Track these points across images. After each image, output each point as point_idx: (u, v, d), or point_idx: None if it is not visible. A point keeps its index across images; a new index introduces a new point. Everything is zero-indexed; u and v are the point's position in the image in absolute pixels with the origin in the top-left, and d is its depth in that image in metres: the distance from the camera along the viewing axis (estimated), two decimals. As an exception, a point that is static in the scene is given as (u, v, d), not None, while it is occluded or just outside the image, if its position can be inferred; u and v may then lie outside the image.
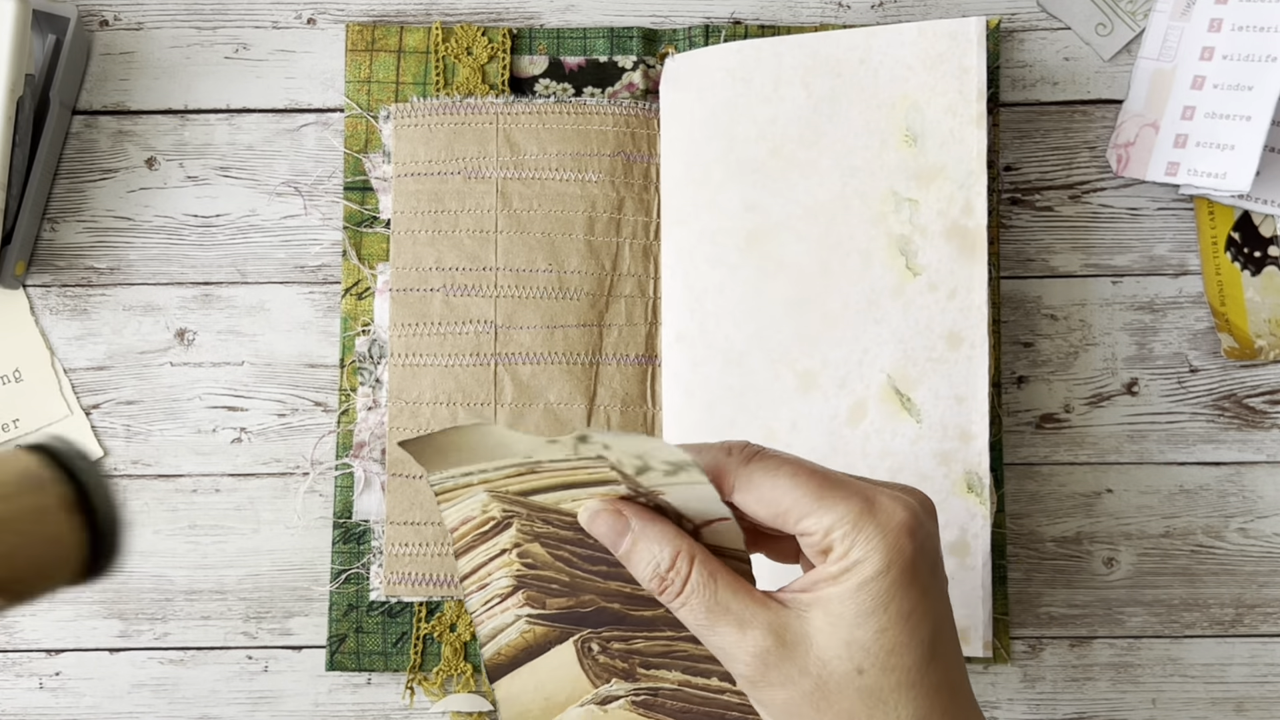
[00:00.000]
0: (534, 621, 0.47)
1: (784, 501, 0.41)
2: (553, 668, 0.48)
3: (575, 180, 0.59)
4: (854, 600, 0.39)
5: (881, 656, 0.39)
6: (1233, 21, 0.58)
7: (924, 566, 0.40)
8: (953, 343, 0.56)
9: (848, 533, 0.39)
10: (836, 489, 0.40)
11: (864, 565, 0.39)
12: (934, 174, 0.56)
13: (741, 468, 0.42)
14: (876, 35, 0.57)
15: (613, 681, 0.47)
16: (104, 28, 0.61)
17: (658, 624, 0.46)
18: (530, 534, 0.45)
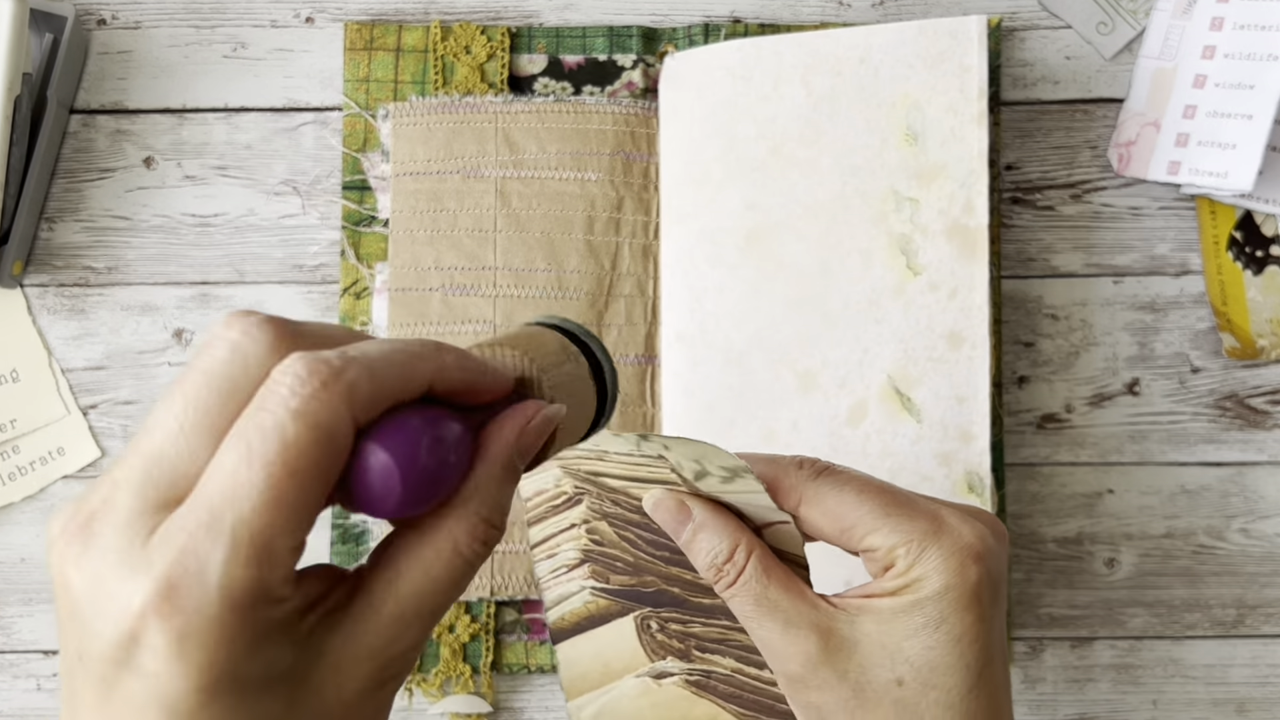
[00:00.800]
0: (598, 594, 0.49)
1: (850, 517, 0.41)
2: (612, 639, 0.49)
3: (574, 179, 0.59)
4: (907, 615, 0.39)
5: (924, 673, 0.39)
6: (1234, 20, 0.58)
7: (985, 593, 0.40)
8: (953, 342, 0.56)
9: (911, 550, 0.39)
10: (904, 507, 0.40)
11: (924, 584, 0.39)
12: (935, 173, 0.56)
13: (809, 482, 0.42)
14: (877, 34, 0.57)
15: (669, 659, 0.49)
16: (101, 27, 0.60)
17: (715, 612, 0.47)
18: (599, 513, 0.47)
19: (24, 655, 0.59)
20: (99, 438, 0.59)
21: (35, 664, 0.59)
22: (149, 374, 0.59)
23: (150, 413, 0.28)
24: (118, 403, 0.59)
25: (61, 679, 0.28)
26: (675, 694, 0.50)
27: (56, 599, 0.28)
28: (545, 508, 0.48)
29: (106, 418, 0.59)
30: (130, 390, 0.59)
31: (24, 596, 0.59)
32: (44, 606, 0.59)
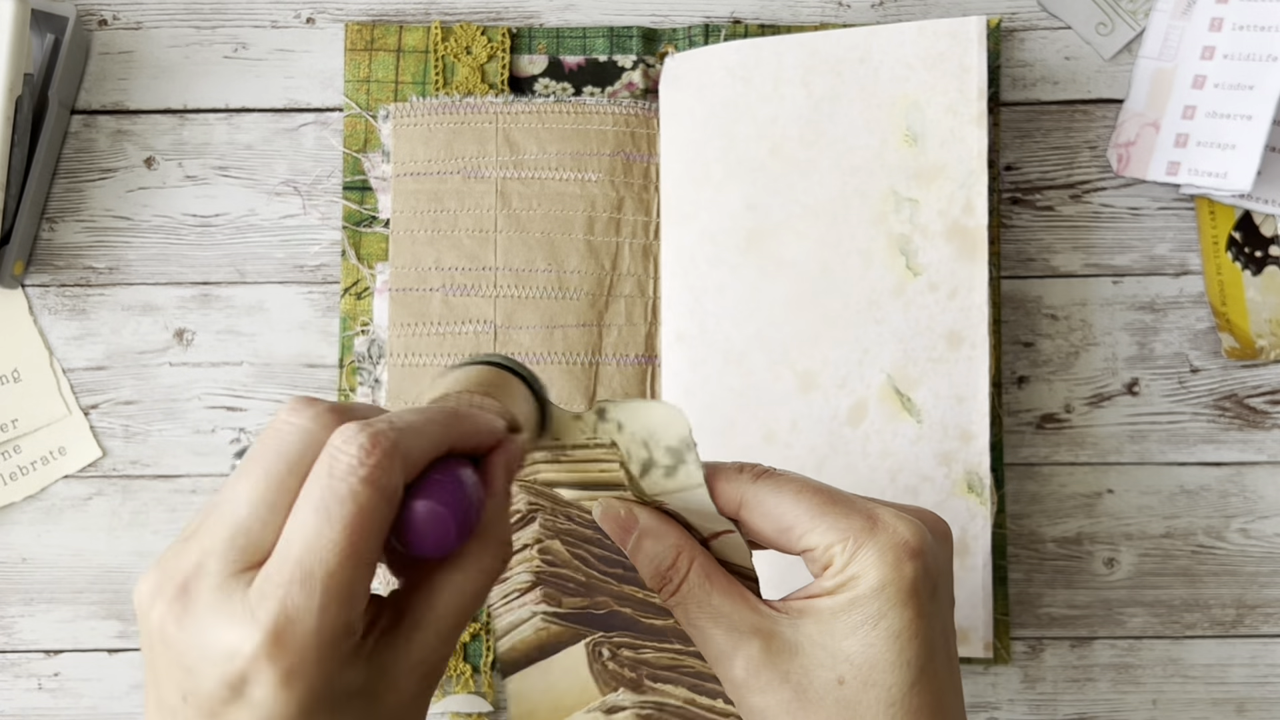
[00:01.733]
0: (549, 620, 0.47)
1: (787, 518, 0.41)
2: (563, 670, 0.48)
3: (575, 180, 0.59)
4: (845, 613, 0.40)
5: (864, 670, 0.39)
6: (1233, 21, 0.58)
7: (923, 589, 0.40)
8: (953, 342, 0.56)
9: (847, 547, 0.40)
10: (840, 506, 0.41)
11: (859, 581, 0.39)
12: (934, 173, 0.56)
13: (749, 485, 0.42)
14: (877, 34, 0.57)
15: (620, 691, 0.47)
16: (103, 27, 0.61)
17: (667, 634, 0.47)
18: (552, 530, 0.46)
19: (25, 655, 0.59)
20: (100, 437, 0.59)
21: (36, 664, 0.59)
22: (150, 374, 0.59)
23: (227, 486, 0.33)
24: (119, 403, 0.59)
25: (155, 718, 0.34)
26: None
27: (153, 653, 0.33)
28: None
29: (107, 418, 0.59)
30: (131, 390, 0.59)
31: (25, 596, 0.59)
32: (44, 606, 0.59)
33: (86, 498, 0.59)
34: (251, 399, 0.60)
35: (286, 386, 0.60)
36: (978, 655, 0.56)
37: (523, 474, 0.45)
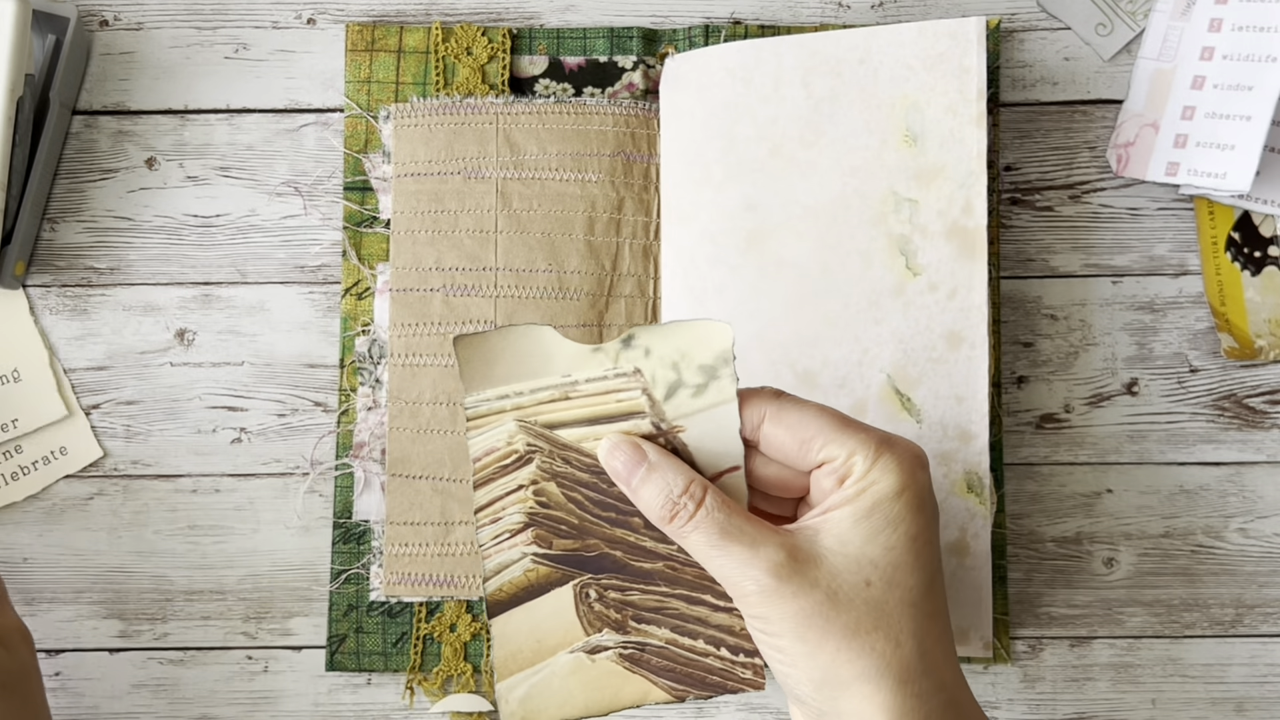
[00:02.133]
0: (539, 561, 0.49)
1: (810, 429, 0.44)
2: (549, 612, 0.49)
3: (575, 180, 0.59)
4: (867, 519, 0.43)
5: (889, 572, 0.43)
6: (1233, 21, 0.58)
7: (930, 500, 0.44)
8: (953, 343, 0.56)
9: (868, 455, 0.43)
10: (857, 424, 0.45)
11: (880, 486, 0.43)
12: (934, 174, 0.56)
13: (773, 401, 0.45)
14: (876, 35, 0.57)
15: (604, 632, 0.49)
16: (104, 28, 0.61)
17: (654, 578, 0.49)
18: (549, 472, 0.48)
19: (26, 654, 0.59)
20: (101, 438, 0.59)
21: (37, 663, 0.59)
22: (151, 374, 0.60)
23: None
24: (120, 403, 0.59)
25: None
26: (608, 670, 0.50)
27: None
28: (494, 468, 0.48)
29: (109, 418, 0.59)
30: (132, 390, 0.59)
31: (26, 596, 0.59)
32: (46, 606, 0.59)
33: (87, 498, 0.59)
34: (253, 399, 0.60)
35: (287, 387, 0.60)
36: (977, 654, 0.56)
37: (524, 415, 0.47)
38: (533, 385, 0.47)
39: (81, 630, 0.59)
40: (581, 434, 0.47)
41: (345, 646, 0.58)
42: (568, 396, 0.47)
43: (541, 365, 0.47)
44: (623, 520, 0.48)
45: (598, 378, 0.47)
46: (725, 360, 0.46)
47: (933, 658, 0.43)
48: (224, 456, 0.59)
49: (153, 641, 0.59)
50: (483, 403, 0.47)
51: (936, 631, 0.43)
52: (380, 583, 0.58)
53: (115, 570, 0.59)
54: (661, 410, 0.47)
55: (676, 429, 0.47)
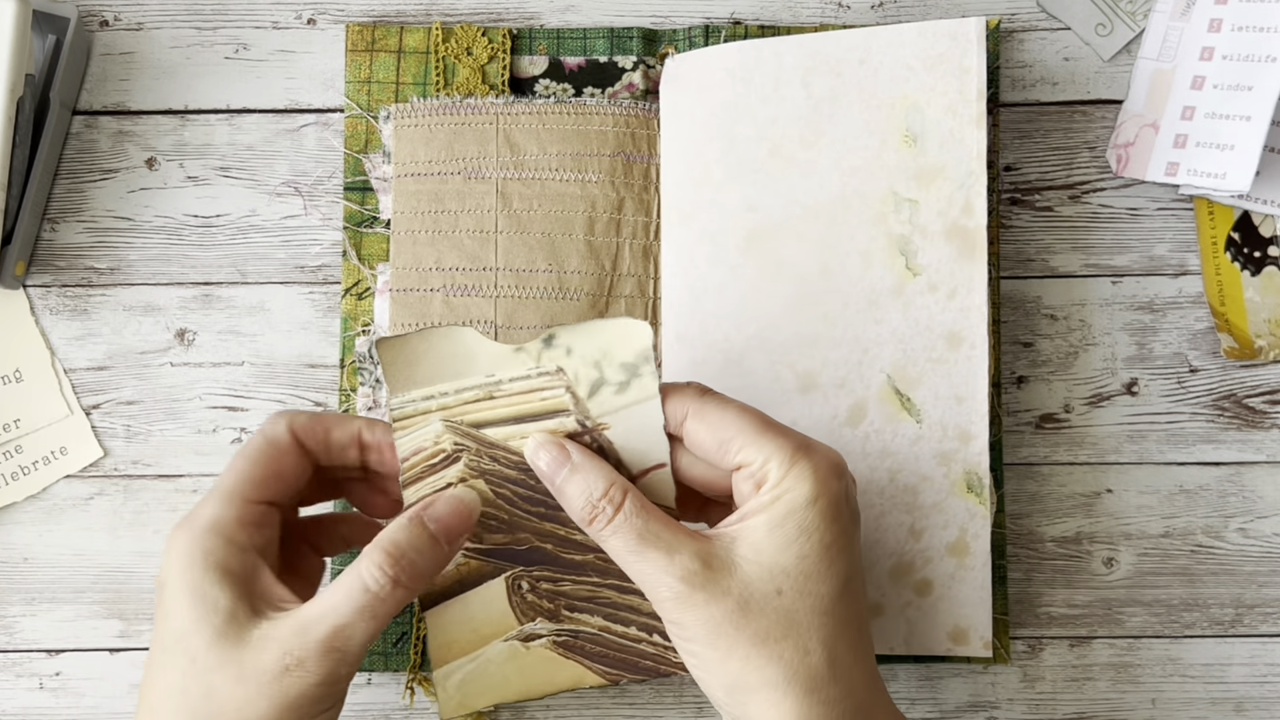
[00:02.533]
0: (470, 555, 0.50)
1: (730, 431, 0.45)
2: (483, 602, 0.51)
3: (575, 180, 0.59)
4: (780, 527, 0.43)
5: (800, 581, 0.43)
6: (1232, 22, 0.58)
7: (845, 508, 0.44)
8: (952, 343, 0.56)
9: (783, 462, 0.44)
10: (777, 428, 0.45)
11: (794, 494, 0.43)
12: (934, 174, 0.56)
13: (696, 399, 0.46)
14: (876, 35, 0.57)
15: (537, 620, 0.51)
16: (104, 28, 0.61)
17: (586, 569, 0.50)
18: (477, 470, 0.49)
19: (26, 655, 0.59)
20: (101, 438, 0.59)
21: (38, 663, 0.59)
22: (151, 374, 0.60)
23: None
24: (120, 403, 0.59)
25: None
26: (542, 656, 0.51)
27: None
28: (422, 467, 0.49)
29: (109, 418, 0.59)
30: (133, 390, 0.60)
31: (26, 596, 0.59)
32: (46, 606, 0.59)
33: (88, 497, 0.59)
34: (253, 399, 0.60)
35: (288, 387, 0.60)
36: (978, 654, 0.56)
37: (450, 415, 0.49)
38: (457, 385, 0.48)
39: (81, 630, 0.59)
40: (508, 432, 0.48)
41: (345, 646, 0.58)
42: (492, 396, 0.48)
43: (465, 365, 0.48)
44: (551, 515, 0.49)
45: (521, 377, 0.48)
46: (646, 358, 0.47)
47: (843, 665, 0.43)
48: (224, 456, 0.59)
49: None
50: (408, 404, 0.48)
51: (850, 638, 0.44)
52: (380, 583, 0.58)
53: (115, 570, 0.59)
54: (585, 408, 0.48)
55: (601, 426, 0.48)
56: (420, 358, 0.48)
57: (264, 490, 0.47)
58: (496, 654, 0.51)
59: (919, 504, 0.57)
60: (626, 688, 0.59)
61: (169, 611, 0.44)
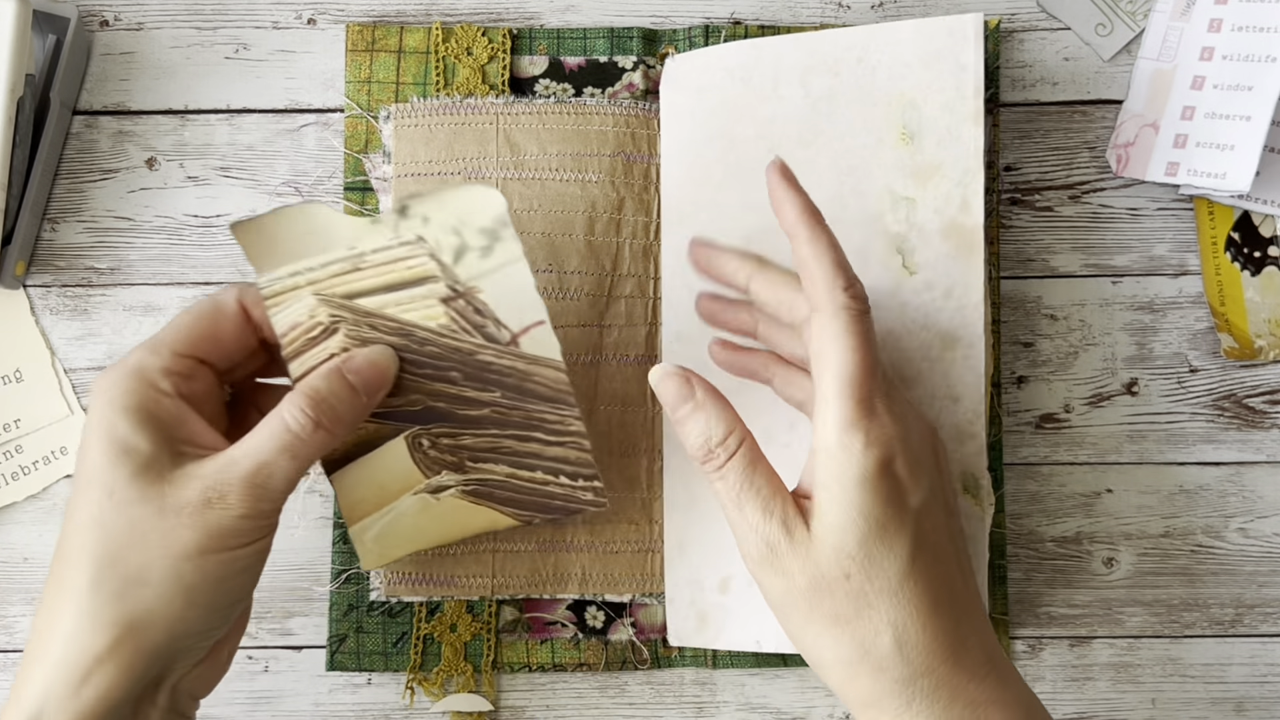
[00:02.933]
0: (367, 420, 0.52)
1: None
2: (385, 462, 0.53)
3: (575, 181, 0.59)
4: (840, 507, 0.44)
5: (864, 564, 0.44)
6: (1232, 22, 0.58)
7: (902, 480, 0.45)
8: (949, 342, 0.56)
9: (838, 425, 0.44)
10: (843, 372, 0.45)
11: (847, 473, 0.44)
12: (931, 172, 0.56)
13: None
14: (874, 33, 0.57)
15: (444, 473, 0.53)
16: (104, 28, 0.61)
17: (483, 423, 0.52)
18: (358, 339, 0.51)
19: (27, 654, 0.59)
20: (102, 437, 0.59)
21: (38, 663, 0.59)
22: (151, 374, 0.60)
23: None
24: (120, 403, 0.59)
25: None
26: (454, 505, 0.54)
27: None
28: (302, 341, 0.50)
29: (109, 418, 0.59)
30: (133, 390, 0.60)
31: (27, 596, 0.59)
32: (47, 606, 0.59)
33: (88, 497, 0.59)
34: (253, 399, 0.60)
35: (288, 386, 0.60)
36: (976, 655, 0.57)
37: (320, 289, 0.50)
38: (322, 261, 0.50)
39: (82, 630, 0.59)
40: (382, 301, 0.50)
41: (346, 646, 0.58)
42: (358, 268, 0.50)
43: (326, 241, 0.50)
44: (441, 375, 0.51)
45: (384, 248, 0.50)
46: (504, 223, 0.49)
47: (915, 644, 0.44)
48: (224, 456, 0.59)
49: (153, 641, 0.59)
50: (275, 281, 0.50)
51: (923, 615, 0.44)
52: (380, 583, 0.58)
53: (116, 570, 0.59)
54: (454, 273, 0.50)
55: (474, 289, 0.50)
56: (279, 237, 0.50)
57: (195, 347, 0.48)
58: (408, 507, 0.54)
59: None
60: (626, 687, 0.59)
61: (87, 447, 0.45)
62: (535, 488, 0.54)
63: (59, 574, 0.45)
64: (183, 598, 0.45)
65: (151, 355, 0.47)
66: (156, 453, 0.45)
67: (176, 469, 0.46)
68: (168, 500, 0.45)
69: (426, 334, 0.51)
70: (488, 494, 0.54)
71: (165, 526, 0.45)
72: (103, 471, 0.45)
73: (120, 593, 0.44)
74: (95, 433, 0.45)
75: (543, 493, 0.54)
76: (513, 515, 0.55)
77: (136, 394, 0.46)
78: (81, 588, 0.44)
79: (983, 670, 0.45)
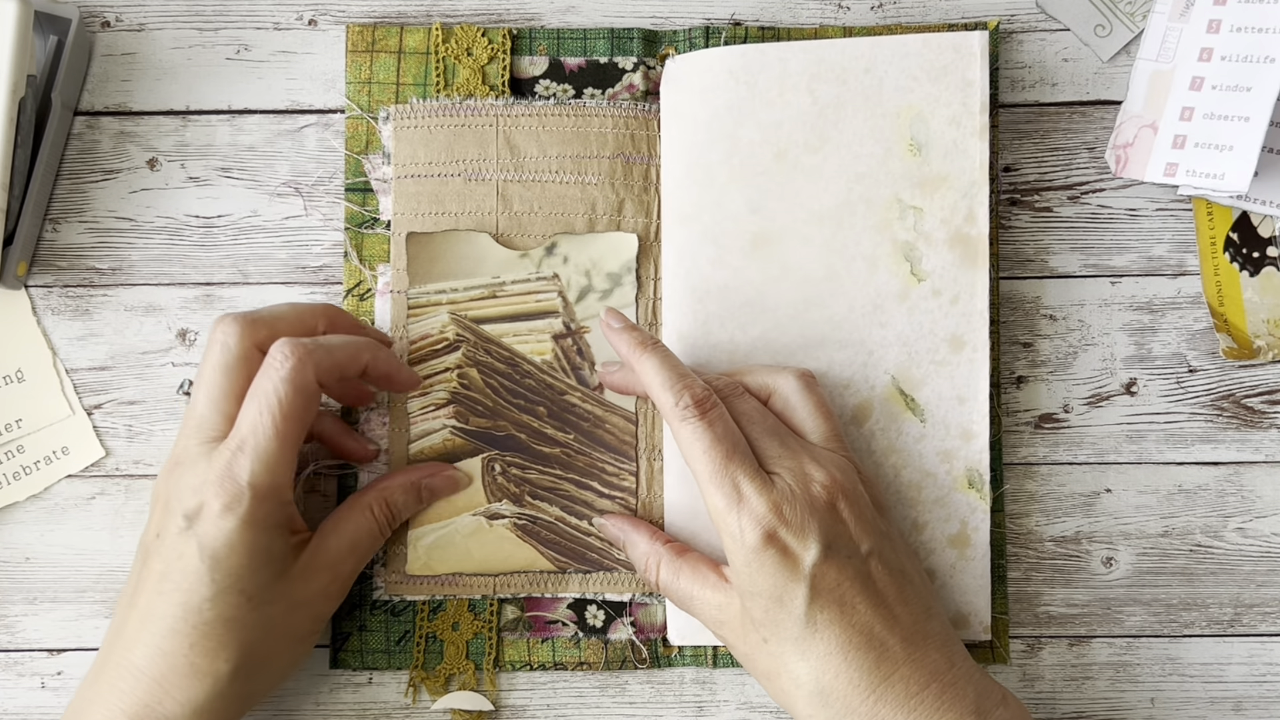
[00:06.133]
0: (456, 433, 0.58)
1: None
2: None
3: (575, 182, 0.59)
4: (745, 585, 0.50)
5: (774, 629, 0.50)
6: (1231, 23, 0.58)
7: (790, 555, 0.49)
8: (955, 346, 0.57)
9: (720, 522, 0.51)
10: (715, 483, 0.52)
11: (736, 554, 0.50)
12: (937, 183, 0.57)
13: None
14: (882, 45, 0.57)
15: (503, 502, 0.58)
16: (106, 29, 0.61)
17: (551, 461, 0.58)
18: (472, 360, 0.58)
19: (28, 654, 0.59)
20: (103, 437, 0.59)
21: (39, 663, 0.59)
22: (153, 374, 0.60)
23: (192, 395, 0.52)
24: (122, 403, 0.60)
25: (137, 556, 0.52)
26: (502, 535, 0.58)
27: (152, 511, 0.52)
28: (428, 350, 0.58)
29: (111, 418, 0.60)
30: (134, 390, 0.60)
31: (28, 596, 0.59)
32: (47, 605, 0.59)
33: (89, 497, 0.59)
34: (254, 399, 0.60)
35: (289, 387, 0.60)
36: (978, 639, 0.58)
37: (456, 309, 0.58)
38: (467, 283, 0.57)
39: (83, 630, 0.59)
40: (502, 329, 0.58)
41: (348, 644, 0.58)
42: (495, 295, 0.57)
43: (476, 266, 0.58)
44: (530, 408, 0.58)
45: (522, 279, 0.57)
46: (629, 268, 0.57)
47: (835, 690, 0.49)
48: (226, 456, 0.59)
49: (155, 641, 0.59)
50: (423, 295, 0.58)
51: (834, 666, 0.49)
52: (383, 581, 0.58)
53: (117, 569, 0.59)
54: (573, 311, 0.58)
55: (583, 329, 0.58)
56: (440, 254, 0.58)
57: (301, 441, 0.51)
58: (464, 525, 0.58)
59: (922, 499, 0.57)
60: (626, 686, 0.59)
61: (219, 558, 0.49)
62: (578, 536, 0.58)
63: (187, 657, 0.49)
64: (292, 669, 0.54)
65: (285, 470, 0.50)
66: (285, 554, 0.51)
67: (295, 563, 0.52)
68: (294, 597, 0.51)
69: (530, 367, 0.58)
70: (535, 532, 0.58)
71: (291, 619, 0.52)
72: (243, 578, 0.49)
73: (251, 674, 0.51)
74: (238, 548, 0.49)
75: (583, 543, 0.58)
76: (551, 559, 0.58)
77: (276, 514, 0.50)
78: (223, 675, 0.50)
79: (914, 700, 0.49)
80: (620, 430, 0.58)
